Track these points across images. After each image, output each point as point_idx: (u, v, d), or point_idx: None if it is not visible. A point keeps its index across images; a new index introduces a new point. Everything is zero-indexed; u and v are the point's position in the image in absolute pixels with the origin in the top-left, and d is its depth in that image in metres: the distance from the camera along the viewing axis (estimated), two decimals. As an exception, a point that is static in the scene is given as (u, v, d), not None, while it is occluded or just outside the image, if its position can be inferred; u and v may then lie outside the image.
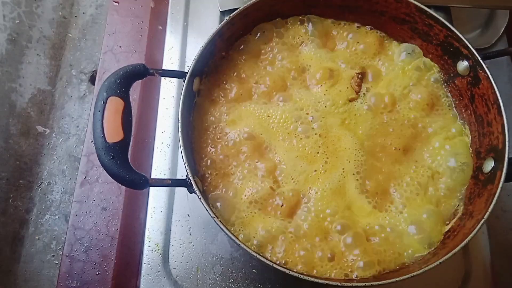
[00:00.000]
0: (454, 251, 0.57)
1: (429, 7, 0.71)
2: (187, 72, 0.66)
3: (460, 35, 0.69)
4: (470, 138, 0.71)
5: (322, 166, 0.68)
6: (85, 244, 0.79)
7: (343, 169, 0.68)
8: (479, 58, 0.67)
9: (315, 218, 0.65)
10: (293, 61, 0.76)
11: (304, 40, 0.78)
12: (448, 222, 0.67)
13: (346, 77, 0.75)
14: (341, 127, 0.71)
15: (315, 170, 0.68)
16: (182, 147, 0.62)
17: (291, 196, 0.66)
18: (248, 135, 0.70)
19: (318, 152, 0.69)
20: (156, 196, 0.78)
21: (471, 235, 0.58)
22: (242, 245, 0.58)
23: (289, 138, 0.70)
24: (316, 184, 0.67)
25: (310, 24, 0.78)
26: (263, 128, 0.71)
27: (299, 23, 0.79)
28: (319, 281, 0.59)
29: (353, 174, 0.68)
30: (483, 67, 0.67)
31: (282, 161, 0.69)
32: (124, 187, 0.75)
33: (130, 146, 0.61)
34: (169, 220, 0.77)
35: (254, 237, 0.63)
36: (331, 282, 0.58)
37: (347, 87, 0.74)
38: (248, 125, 0.71)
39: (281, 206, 0.65)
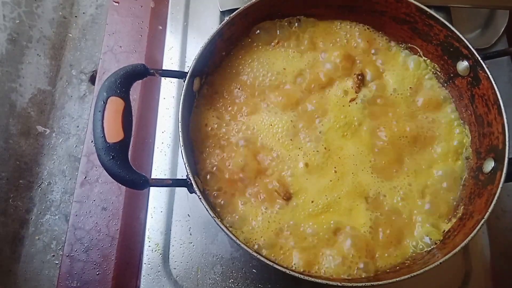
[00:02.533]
0: (454, 251, 0.57)
1: (429, 7, 0.71)
2: (187, 72, 0.66)
3: (460, 35, 0.69)
4: (470, 138, 0.71)
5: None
6: (85, 244, 0.79)
7: (352, 173, 0.69)
8: (479, 58, 0.67)
9: (319, 218, 0.66)
10: (289, 64, 0.76)
11: (299, 42, 0.78)
12: (447, 221, 0.67)
13: (344, 79, 0.75)
14: (343, 137, 0.71)
15: (331, 180, 0.68)
16: (182, 147, 0.62)
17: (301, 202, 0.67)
18: (249, 140, 0.70)
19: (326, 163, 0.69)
20: (156, 196, 0.78)
21: (471, 235, 0.58)
22: (242, 245, 0.58)
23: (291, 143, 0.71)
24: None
25: (303, 25, 0.79)
26: (263, 132, 0.71)
27: (295, 24, 0.79)
28: (319, 281, 0.59)
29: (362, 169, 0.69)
30: (483, 67, 0.67)
31: (279, 162, 0.69)
32: (124, 187, 0.75)
33: (130, 146, 0.60)
34: (169, 220, 0.77)
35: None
36: (331, 282, 0.58)
37: (347, 89, 0.74)
38: (249, 127, 0.71)
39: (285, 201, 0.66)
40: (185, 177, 0.60)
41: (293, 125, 0.71)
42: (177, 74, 0.70)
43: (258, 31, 0.77)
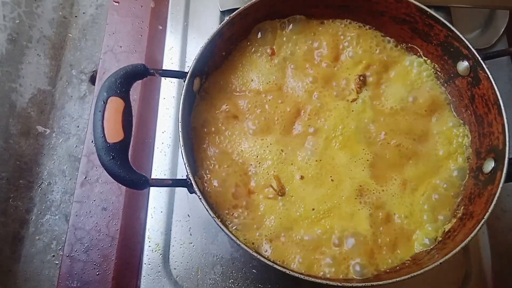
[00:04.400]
0: (454, 251, 0.57)
1: (429, 7, 0.71)
2: (187, 72, 0.66)
3: (460, 35, 0.69)
4: (470, 139, 0.71)
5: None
6: (86, 244, 0.79)
7: (349, 177, 0.69)
8: (479, 58, 0.67)
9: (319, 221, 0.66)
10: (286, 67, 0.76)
11: (296, 44, 0.77)
12: (447, 221, 0.67)
13: (344, 81, 0.75)
14: (339, 144, 0.71)
15: (329, 189, 0.68)
16: (182, 147, 0.62)
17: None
18: (244, 152, 0.70)
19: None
20: (156, 196, 0.78)
21: (471, 235, 0.58)
22: (243, 246, 0.58)
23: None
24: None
25: (292, 25, 0.78)
26: (258, 147, 0.71)
27: (289, 26, 0.78)
28: (319, 281, 0.59)
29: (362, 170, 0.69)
30: (483, 67, 0.67)
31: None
32: (125, 187, 0.75)
33: (131, 146, 0.60)
34: (170, 220, 0.77)
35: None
36: (331, 282, 0.58)
37: (347, 91, 0.74)
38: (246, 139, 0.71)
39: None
40: (185, 177, 0.60)
41: (290, 136, 0.71)
42: (177, 74, 0.70)
43: (258, 32, 0.77)
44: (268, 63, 0.76)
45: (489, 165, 0.65)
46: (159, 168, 0.80)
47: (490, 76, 0.66)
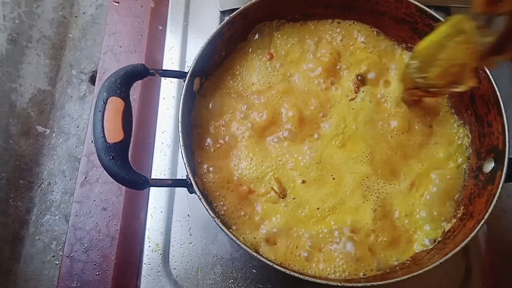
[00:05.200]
0: (454, 251, 0.57)
1: (429, 7, 0.71)
2: (187, 72, 0.66)
3: (460, 36, 0.69)
4: (470, 139, 0.71)
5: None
6: (85, 245, 0.79)
7: (349, 172, 0.69)
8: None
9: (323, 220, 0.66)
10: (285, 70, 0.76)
11: (294, 47, 0.77)
12: (447, 221, 0.67)
13: (343, 82, 0.75)
14: (335, 147, 0.71)
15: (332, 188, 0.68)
16: (182, 147, 0.62)
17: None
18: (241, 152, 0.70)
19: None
20: (156, 196, 0.78)
21: (471, 235, 0.58)
22: (243, 246, 0.58)
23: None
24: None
25: (290, 25, 0.78)
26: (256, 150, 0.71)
27: (281, 29, 0.78)
28: (319, 281, 0.59)
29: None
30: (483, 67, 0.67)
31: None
32: (124, 187, 0.75)
33: (130, 146, 0.61)
34: (169, 220, 0.77)
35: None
36: (331, 282, 0.58)
37: (345, 91, 0.74)
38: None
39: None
40: (185, 177, 0.60)
41: (288, 138, 0.71)
42: (177, 74, 0.70)
43: (257, 34, 0.77)
44: (267, 64, 0.76)
45: (489, 165, 0.65)
46: (159, 168, 0.80)
47: (490, 76, 0.66)
